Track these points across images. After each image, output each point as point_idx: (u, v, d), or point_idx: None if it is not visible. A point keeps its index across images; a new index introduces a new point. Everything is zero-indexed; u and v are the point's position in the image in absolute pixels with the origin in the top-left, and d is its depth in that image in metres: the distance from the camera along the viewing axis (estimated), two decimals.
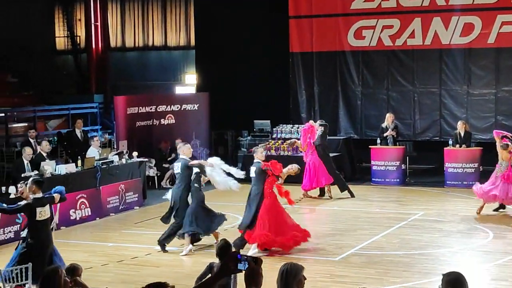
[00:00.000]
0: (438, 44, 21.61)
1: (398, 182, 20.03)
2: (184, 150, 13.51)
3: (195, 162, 13.59)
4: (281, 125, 21.39)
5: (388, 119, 20.49)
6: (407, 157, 20.65)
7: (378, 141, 20.24)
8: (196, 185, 13.30)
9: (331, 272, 11.64)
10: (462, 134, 19.49)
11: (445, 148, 19.70)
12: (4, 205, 11.03)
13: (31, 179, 11.00)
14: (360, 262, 12.24)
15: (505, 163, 15.64)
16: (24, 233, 10.83)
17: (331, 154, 20.27)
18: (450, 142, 19.67)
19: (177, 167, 13.47)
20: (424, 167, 21.71)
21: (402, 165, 20.14)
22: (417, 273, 11.46)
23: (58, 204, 15.22)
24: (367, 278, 11.21)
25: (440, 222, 15.30)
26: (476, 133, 20.86)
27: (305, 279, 7.02)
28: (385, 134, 20.25)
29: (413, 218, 15.69)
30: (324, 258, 12.56)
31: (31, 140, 18.74)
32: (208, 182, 13.91)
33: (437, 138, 21.70)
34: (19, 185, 11.29)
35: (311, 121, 18.84)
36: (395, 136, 20.40)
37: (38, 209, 10.49)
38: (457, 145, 19.46)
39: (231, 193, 14.37)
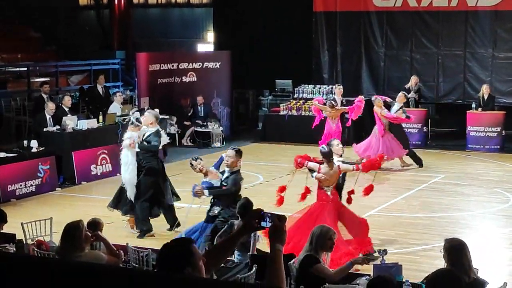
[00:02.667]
0: (464, 6, 21.29)
1: (420, 144, 19.91)
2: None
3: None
4: (302, 85, 21.27)
5: (412, 81, 20.35)
6: (429, 120, 20.52)
7: None
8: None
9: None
10: (486, 98, 19.31)
11: (467, 112, 19.53)
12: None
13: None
14: (380, 223, 12.22)
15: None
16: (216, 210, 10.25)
17: None
18: (473, 105, 19.50)
19: None
20: (446, 130, 21.55)
21: (424, 128, 20.02)
22: (437, 235, 11.41)
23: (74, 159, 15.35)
24: (387, 239, 11.19)
25: (461, 185, 15.23)
26: (500, 96, 20.65)
27: (333, 244, 7.12)
28: (408, 96, 20.09)
29: (433, 181, 15.63)
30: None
31: (44, 96, 18.55)
32: None
33: (460, 101, 21.49)
34: (195, 162, 10.79)
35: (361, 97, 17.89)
36: (417, 99, 20.26)
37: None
38: (480, 109, 19.28)
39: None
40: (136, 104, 20.31)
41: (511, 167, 17.12)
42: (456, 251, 6.28)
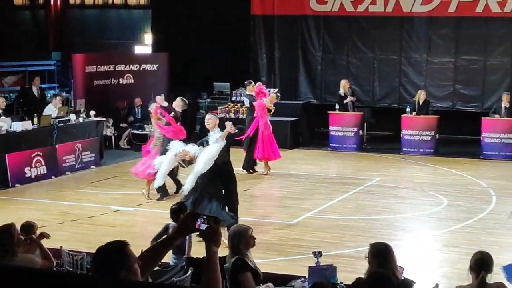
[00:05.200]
0: (400, 12, 21.65)
1: (355, 148, 20.19)
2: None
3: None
4: (241, 88, 21.33)
5: (345, 86, 20.55)
6: (365, 123, 20.79)
7: (337, 106, 20.30)
8: None
9: (286, 235, 11.72)
10: (421, 102, 19.68)
11: (402, 115, 19.87)
12: None
13: None
14: (317, 226, 12.33)
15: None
16: None
17: (290, 118, 20.36)
18: (408, 109, 19.84)
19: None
20: (381, 134, 21.87)
21: (360, 131, 20.28)
22: (372, 237, 11.52)
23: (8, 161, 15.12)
24: (322, 242, 11.30)
25: (396, 188, 15.47)
26: (434, 101, 21.03)
27: (255, 239, 7.08)
28: (345, 101, 20.33)
29: (369, 184, 15.84)
30: (280, 222, 12.63)
31: None
32: None
33: (396, 105, 21.83)
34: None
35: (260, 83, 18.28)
36: (354, 101, 20.52)
37: None
38: (414, 113, 19.64)
39: None
40: (72, 106, 20.08)
41: (445, 170, 17.46)
42: (383, 254, 6.40)
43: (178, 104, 14.66)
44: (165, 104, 16.28)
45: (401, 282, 6.44)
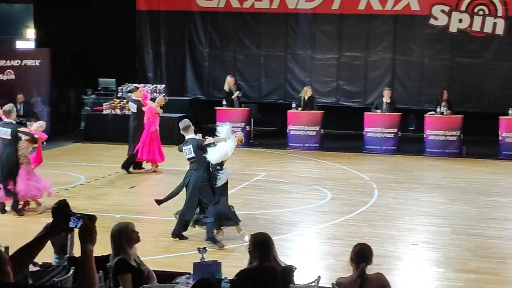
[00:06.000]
0: (285, 8, 21.91)
1: (242, 143, 20.23)
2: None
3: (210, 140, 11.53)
4: (126, 84, 21.05)
5: (230, 83, 20.62)
6: (252, 119, 20.94)
7: (224, 102, 20.36)
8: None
9: (169, 231, 11.58)
10: (307, 98, 19.97)
11: (288, 111, 20.12)
12: None
13: None
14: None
15: None
16: None
17: (178, 115, 20.24)
18: (293, 105, 20.11)
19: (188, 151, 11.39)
20: (268, 129, 22.08)
21: (247, 127, 20.41)
22: (258, 232, 11.63)
23: None
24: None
25: (281, 183, 15.65)
26: (319, 97, 21.43)
27: (137, 233, 7.00)
28: (233, 97, 20.42)
29: (255, 179, 15.96)
30: (165, 218, 12.51)
31: None
32: None
33: (282, 101, 22.10)
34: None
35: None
36: (240, 96, 20.63)
37: None
38: (300, 108, 19.92)
39: None
40: None
41: (329, 165, 17.81)
42: (264, 244, 6.56)
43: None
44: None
45: (283, 269, 6.59)
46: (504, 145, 18.92)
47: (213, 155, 11.26)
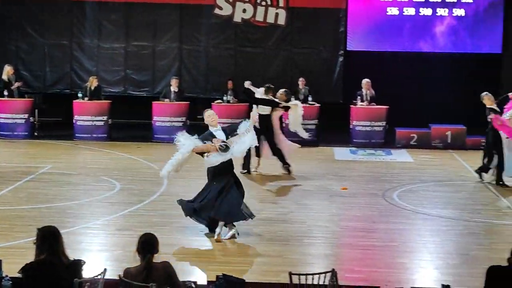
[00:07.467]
0: None
1: (26, 135, 19.63)
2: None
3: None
4: None
5: (9, 72, 19.88)
6: (36, 110, 20.30)
7: (6, 93, 19.56)
8: None
9: None
10: (93, 88, 19.65)
11: (74, 101, 19.71)
12: None
13: None
14: None
15: None
16: None
17: None
18: (80, 94, 19.76)
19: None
20: (54, 120, 21.44)
21: (31, 118, 19.76)
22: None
23: None
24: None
25: (69, 175, 15.31)
26: (106, 86, 21.19)
27: None
28: (12, 87, 19.68)
29: (41, 172, 15.49)
30: None
31: None
32: None
33: (68, 90, 21.62)
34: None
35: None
36: (20, 87, 19.94)
37: None
38: (86, 98, 19.58)
39: None
40: None
41: (118, 155, 17.67)
42: (51, 237, 6.46)
43: None
44: None
45: (71, 262, 6.52)
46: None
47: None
